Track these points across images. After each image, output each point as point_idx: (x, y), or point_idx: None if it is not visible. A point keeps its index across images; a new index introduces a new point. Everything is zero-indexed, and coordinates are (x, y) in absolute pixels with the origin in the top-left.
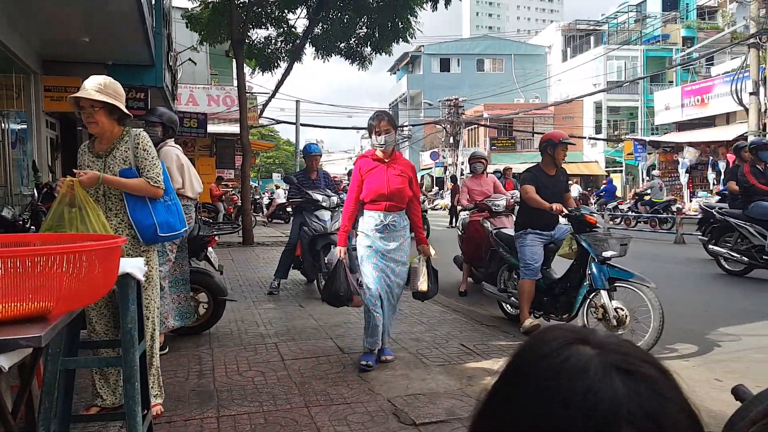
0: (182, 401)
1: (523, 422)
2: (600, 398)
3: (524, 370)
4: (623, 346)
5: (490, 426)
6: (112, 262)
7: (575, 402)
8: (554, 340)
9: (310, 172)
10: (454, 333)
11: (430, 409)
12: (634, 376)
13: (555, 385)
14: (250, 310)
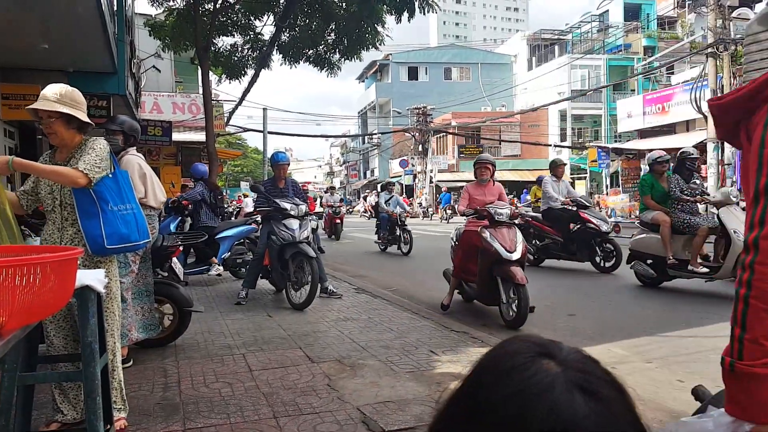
0: (147, 415)
1: (484, 429)
2: (561, 418)
3: (488, 381)
4: (586, 363)
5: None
6: (68, 275)
7: (537, 419)
8: (520, 354)
9: (278, 181)
10: (423, 340)
11: (399, 416)
12: (595, 397)
13: (519, 400)
14: (218, 321)
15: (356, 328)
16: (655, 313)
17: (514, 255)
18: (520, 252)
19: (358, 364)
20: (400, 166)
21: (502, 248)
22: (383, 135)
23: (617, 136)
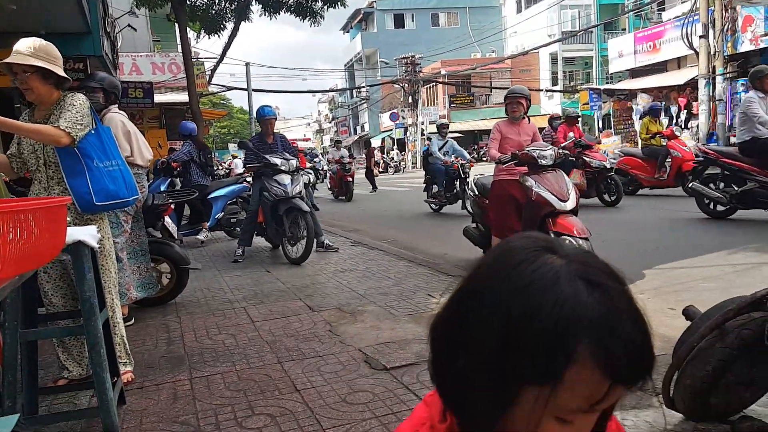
0: (153, 368)
1: (487, 326)
2: (566, 308)
3: (494, 277)
4: (587, 257)
5: (452, 331)
6: (58, 223)
7: (544, 311)
8: (524, 250)
9: (266, 136)
10: (420, 285)
11: (400, 354)
12: (598, 288)
13: (526, 293)
14: (216, 279)
15: (354, 278)
16: None
17: (568, 204)
18: (574, 200)
19: (358, 310)
20: (391, 119)
21: (554, 197)
22: (371, 88)
23: (608, 77)
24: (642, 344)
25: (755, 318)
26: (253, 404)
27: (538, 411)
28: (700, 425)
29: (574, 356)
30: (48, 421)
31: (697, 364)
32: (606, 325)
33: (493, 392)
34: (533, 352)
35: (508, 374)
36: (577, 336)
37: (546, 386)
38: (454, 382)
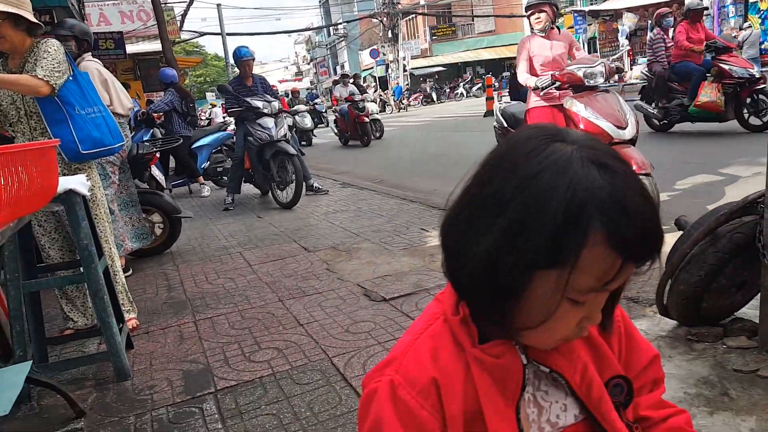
0: (156, 313)
1: (502, 215)
2: (579, 190)
3: (506, 167)
4: (594, 141)
5: (466, 222)
6: (49, 166)
7: (557, 195)
8: (533, 139)
9: (245, 79)
10: (413, 220)
11: (397, 286)
12: (608, 169)
13: (539, 179)
14: (209, 227)
15: (347, 218)
16: None
17: (627, 132)
18: (634, 126)
19: (353, 248)
20: (371, 56)
21: (609, 124)
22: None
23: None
24: (651, 220)
25: (746, 222)
26: (259, 340)
27: (555, 295)
28: (693, 330)
29: (588, 236)
30: (59, 368)
31: (690, 270)
32: (617, 203)
33: (508, 280)
34: (549, 237)
35: (524, 260)
36: (591, 216)
37: (561, 270)
38: (468, 273)
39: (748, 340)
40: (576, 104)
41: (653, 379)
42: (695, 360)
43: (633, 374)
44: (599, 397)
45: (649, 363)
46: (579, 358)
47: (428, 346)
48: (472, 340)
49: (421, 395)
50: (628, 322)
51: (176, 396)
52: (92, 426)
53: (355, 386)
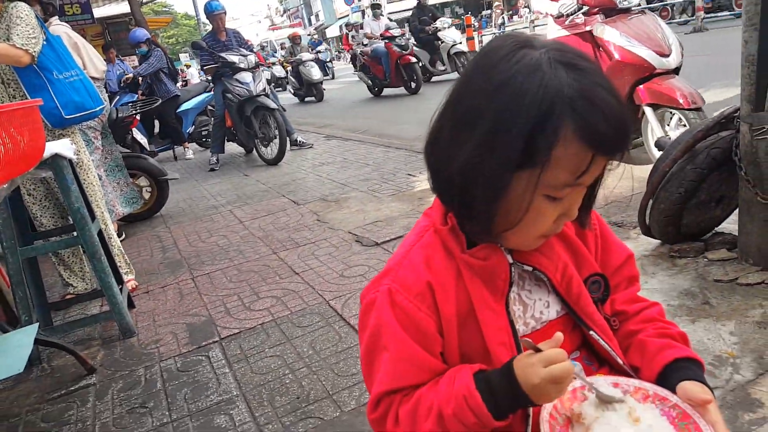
0: (154, 273)
1: (480, 120)
2: (550, 88)
3: (480, 77)
4: (561, 45)
5: (447, 133)
6: (35, 125)
7: (529, 96)
8: (503, 47)
9: (219, 33)
10: (399, 167)
11: (388, 230)
12: (576, 69)
13: (512, 83)
14: (196, 188)
15: (333, 169)
16: None
17: (671, 59)
18: (678, 52)
19: (342, 198)
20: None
21: (650, 52)
22: None
23: None
24: (618, 113)
25: (723, 137)
26: (257, 290)
27: (533, 192)
28: (675, 247)
29: (559, 132)
30: (65, 330)
31: (669, 188)
32: (585, 99)
33: (489, 183)
34: (523, 136)
35: (502, 162)
36: (561, 112)
37: (537, 167)
38: (453, 183)
39: (729, 252)
40: (608, 30)
41: (628, 276)
42: (677, 274)
43: (609, 272)
44: (578, 293)
45: (624, 262)
46: (559, 258)
47: (421, 255)
48: (461, 246)
49: (418, 299)
50: (603, 225)
51: (182, 347)
52: (104, 380)
53: (353, 325)
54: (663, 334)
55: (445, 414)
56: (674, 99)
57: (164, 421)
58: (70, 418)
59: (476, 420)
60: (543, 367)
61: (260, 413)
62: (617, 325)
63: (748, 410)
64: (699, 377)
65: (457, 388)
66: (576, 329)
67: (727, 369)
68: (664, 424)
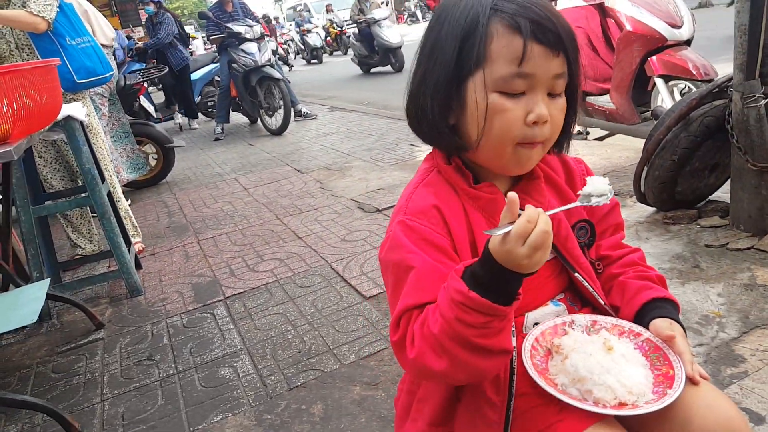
0: (160, 237)
1: (428, 47)
2: (475, 2)
3: (442, 9)
4: None
5: (419, 69)
6: (54, 83)
7: (459, 11)
8: None
9: (225, 4)
10: (402, 137)
11: (389, 197)
12: None
13: (450, 10)
14: (202, 157)
15: (337, 140)
16: None
17: (683, 31)
18: (691, 23)
19: (345, 167)
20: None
21: (662, 23)
22: None
23: None
24: (533, 2)
25: (717, 105)
26: (261, 253)
27: (482, 91)
28: (669, 214)
29: (487, 30)
30: (74, 287)
31: (664, 156)
32: (502, 0)
33: (451, 97)
34: (458, 43)
35: (445, 70)
36: (488, 15)
37: (479, 68)
38: (422, 108)
39: (721, 219)
40: (620, 1)
41: (614, 224)
42: (670, 240)
43: (596, 219)
44: (566, 236)
45: (610, 210)
46: (549, 202)
47: (427, 190)
48: (468, 182)
49: (430, 221)
50: (591, 173)
51: (188, 305)
52: (112, 336)
53: (354, 285)
54: (642, 276)
55: (448, 318)
56: (687, 70)
57: (170, 372)
58: (80, 369)
59: (480, 315)
60: (522, 245)
61: (263, 365)
62: (601, 269)
63: (731, 365)
64: (672, 315)
65: (452, 293)
66: (562, 273)
67: (713, 327)
68: (636, 354)
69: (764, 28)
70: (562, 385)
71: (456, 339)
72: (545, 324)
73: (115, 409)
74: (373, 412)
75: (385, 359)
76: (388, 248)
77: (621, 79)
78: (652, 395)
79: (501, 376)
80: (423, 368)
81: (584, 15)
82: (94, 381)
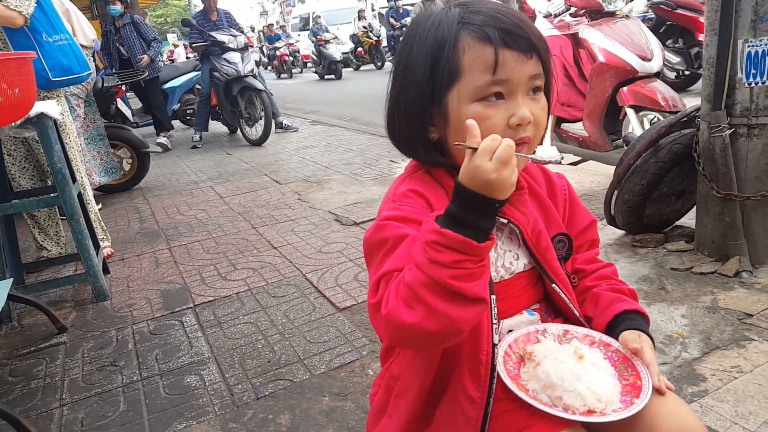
0: (130, 242)
1: (415, 64)
2: (443, 20)
3: (413, 33)
4: None
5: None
6: (28, 77)
7: (430, 32)
8: (418, 16)
9: (210, 13)
10: (383, 153)
11: (368, 211)
12: (461, 6)
13: (419, 30)
14: (177, 164)
15: (317, 153)
16: None
17: (653, 63)
18: (660, 57)
19: (324, 179)
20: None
21: (633, 56)
22: None
23: None
24: (501, 9)
25: (685, 134)
26: (234, 262)
27: (461, 103)
28: (637, 237)
29: (458, 45)
30: (38, 288)
31: (633, 180)
32: (471, 11)
33: (423, 115)
34: (438, 62)
35: (431, 91)
36: (455, 30)
37: (454, 82)
38: (405, 128)
39: (686, 244)
40: (593, 32)
41: (590, 240)
42: (638, 262)
43: (574, 234)
44: (546, 247)
45: (588, 226)
46: (532, 214)
47: (411, 183)
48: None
49: (417, 203)
50: (572, 191)
51: (155, 312)
52: (75, 340)
53: (328, 296)
54: (615, 289)
55: (422, 264)
56: (656, 101)
57: (134, 378)
58: (39, 373)
59: (453, 252)
60: (489, 160)
61: (231, 374)
62: (576, 282)
63: (692, 384)
64: (641, 327)
65: (425, 234)
66: (538, 283)
67: (677, 347)
68: (606, 364)
69: (730, 62)
70: (534, 391)
71: (429, 285)
72: (519, 331)
73: (74, 415)
74: (341, 423)
75: (356, 371)
76: (374, 228)
77: (593, 108)
78: (620, 404)
79: (482, 372)
80: (397, 323)
81: (558, 44)
82: (53, 385)
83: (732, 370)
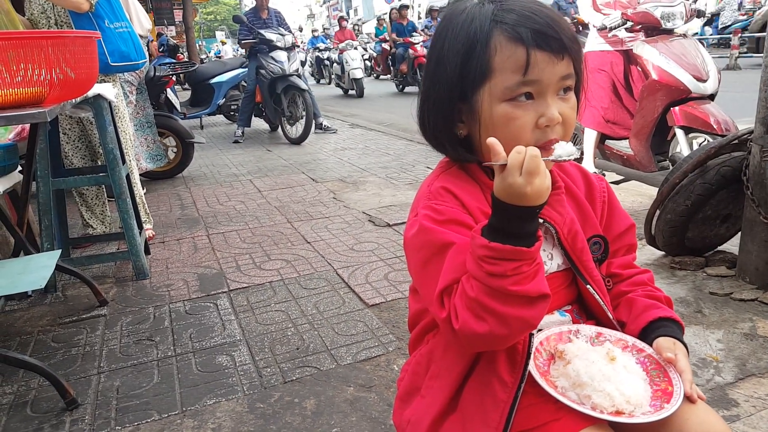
0: (171, 227)
1: (444, 51)
2: (476, 17)
3: (445, 29)
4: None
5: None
6: (92, 55)
7: (463, 29)
8: (451, 11)
9: (261, 11)
10: (419, 159)
11: (401, 214)
12: (495, 2)
13: (451, 26)
14: (219, 156)
15: (354, 155)
16: None
17: (708, 85)
18: (716, 79)
19: (360, 181)
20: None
21: (688, 76)
22: None
23: None
24: (536, 9)
25: (735, 156)
26: (269, 252)
27: (490, 102)
28: (677, 258)
29: (490, 43)
30: (83, 262)
31: (677, 200)
32: (505, 9)
33: (451, 111)
34: (469, 60)
35: (461, 88)
36: (488, 28)
37: (485, 82)
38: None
39: (728, 270)
40: (648, 49)
41: (628, 245)
42: (676, 284)
43: (611, 237)
44: (582, 248)
45: (626, 230)
46: (568, 214)
47: (445, 180)
48: (489, 176)
49: (449, 202)
50: (611, 193)
51: (192, 293)
52: (114, 314)
53: (358, 292)
54: (651, 296)
55: (480, 277)
56: (708, 123)
57: (168, 354)
58: (79, 341)
59: (508, 262)
60: (519, 175)
61: (260, 357)
62: (611, 285)
63: (723, 407)
64: (676, 335)
65: (476, 251)
66: (572, 285)
67: (710, 371)
68: (637, 368)
69: None
70: (562, 388)
71: (493, 295)
72: (551, 330)
73: (110, 382)
74: (364, 413)
75: (381, 365)
76: (417, 230)
77: (642, 127)
78: (649, 407)
79: (518, 359)
80: (471, 335)
81: (609, 60)
82: (92, 354)
83: (767, 398)
